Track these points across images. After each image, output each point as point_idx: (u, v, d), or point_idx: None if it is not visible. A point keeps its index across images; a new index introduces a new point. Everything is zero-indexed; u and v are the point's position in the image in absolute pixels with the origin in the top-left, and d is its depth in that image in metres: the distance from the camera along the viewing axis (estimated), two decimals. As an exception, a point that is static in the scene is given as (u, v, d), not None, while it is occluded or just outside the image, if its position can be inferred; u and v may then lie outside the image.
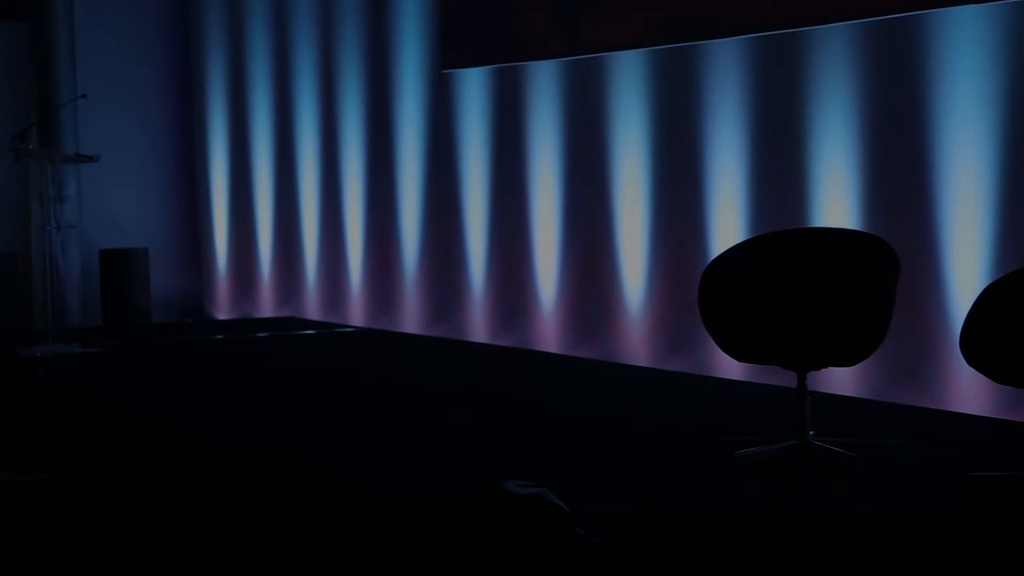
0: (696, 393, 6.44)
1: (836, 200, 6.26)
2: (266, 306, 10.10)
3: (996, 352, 4.26)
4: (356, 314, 9.24)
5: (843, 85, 6.24)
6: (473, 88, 8.28)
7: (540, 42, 7.78)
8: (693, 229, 6.95)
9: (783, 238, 5.21)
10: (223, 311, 10.54)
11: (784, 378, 5.68)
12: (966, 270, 5.75)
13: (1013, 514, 4.05)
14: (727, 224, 6.77)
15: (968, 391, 5.71)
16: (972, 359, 4.30)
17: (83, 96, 8.48)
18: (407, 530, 3.92)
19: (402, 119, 8.79)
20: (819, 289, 4.89)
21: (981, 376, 4.65)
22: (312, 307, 9.66)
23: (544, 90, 7.82)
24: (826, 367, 4.87)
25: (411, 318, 8.81)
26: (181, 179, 10.84)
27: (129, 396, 6.49)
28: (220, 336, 8.93)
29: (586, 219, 7.59)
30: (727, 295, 4.96)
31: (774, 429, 5.07)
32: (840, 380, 6.20)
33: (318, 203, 9.54)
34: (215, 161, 10.57)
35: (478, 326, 8.31)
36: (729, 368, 6.65)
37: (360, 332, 8.90)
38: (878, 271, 4.79)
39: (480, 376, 7.05)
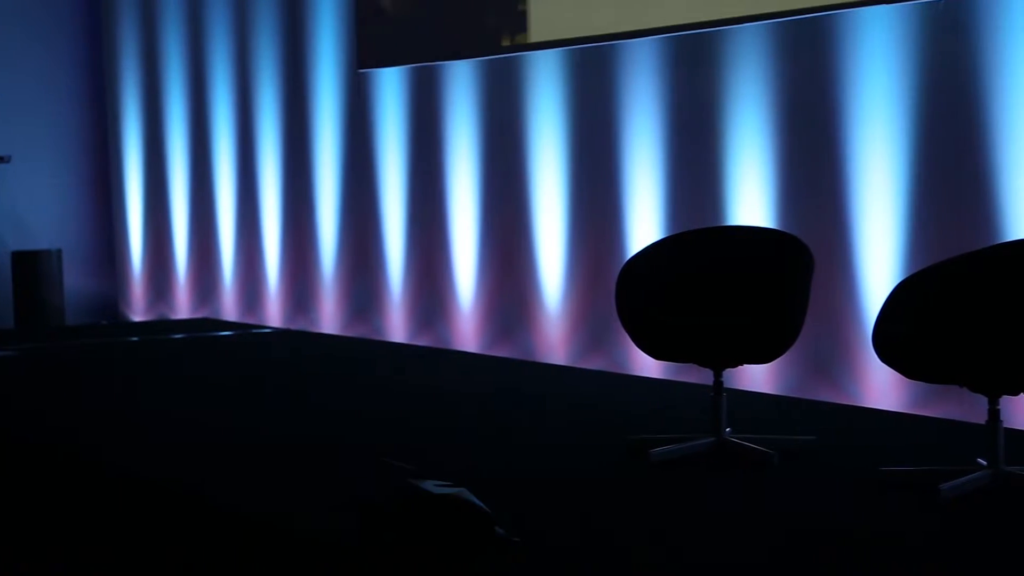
0: (614, 391, 6.47)
1: (751, 198, 6.32)
2: (182, 308, 10.01)
3: (907, 348, 4.31)
4: (273, 315, 9.18)
5: (758, 84, 6.29)
6: (390, 88, 8.26)
7: (457, 42, 7.77)
8: (610, 228, 6.98)
9: (699, 236, 5.25)
10: (138, 313, 10.43)
11: (701, 376, 5.73)
12: (879, 267, 5.82)
13: (922, 508, 4.11)
14: (644, 223, 6.81)
15: (881, 387, 5.78)
16: (884, 355, 4.35)
17: None
18: (323, 534, 3.90)
19: (319, 119, 8.75)
20: (734, 287, 4.93)
21: (893, 372, 4.71)
22: (229, 308, 9.59)
23: (461, 90, 7.81)
24: (741, 365, 4.91)
25: (329, 318, 8.77)
26: (95, 179, 10.71)
27: (40, 399, 6.40)
28: (135, 338, 8.84)
29: (504, 218, 7.60)
30: (643, 293, 4.99)
31: (691, 427, 5.11)
32: (756, 377, 6.26)
33: (234, 204, 9.47)
34: (129, 161, 10.46)
35: (396, 326, 8.30)
36: (647, 366, 6.69)
37: (277, 333, 8.84)
38: (792, 269, 4.83)
39: (398, 375, 7.03)
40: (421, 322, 8.14)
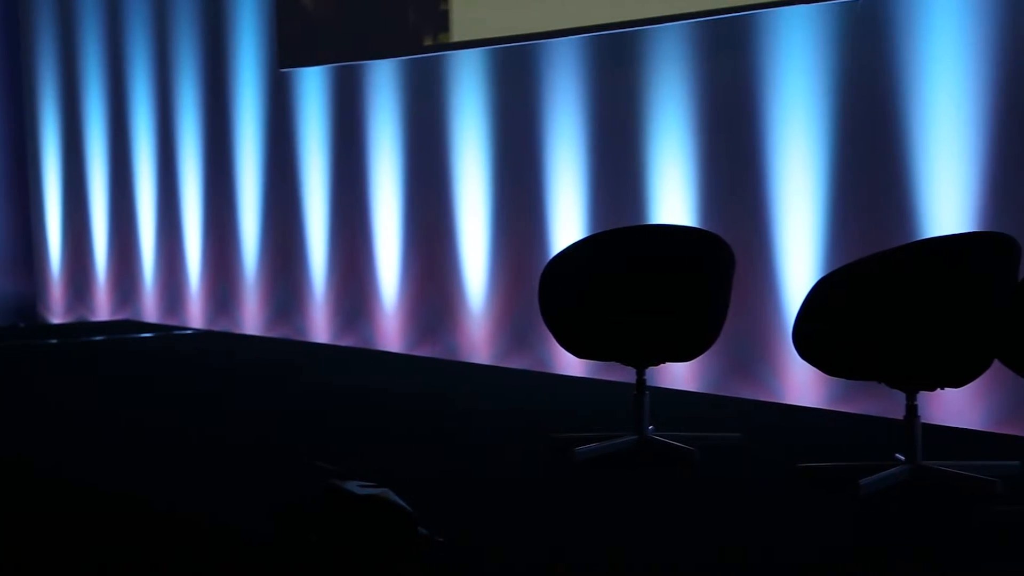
0: (538, 390, 6.48)
1: (673, 197, 6.35)
2: (102, 309, 9.90)
3: (826, 345, 4.36)
4: (195, 316, 9.11)
5: (679, 84, 6.33)
6: (312, 87, 8.22)
7: (379, 41, 7.75)
8: (533, 227, 7.00)
9: (621, 235, 5.27)
10: (57, 315, 10.30)
11: (624, 374, 5.75)
12: (799, 265, 5.88)
13: (842, 504, 4.15)
14: (567, 222, 6.83)
15: (801, 384, 5.84)
16: (804, 352, 4.39)
17: None
18: (246, 535, 3.87)
19: (240, 119, 8.69)
20: (656, 285, 4.96)
21: (813, 369, 4.76)
22: (150, 310, 9.50)
23: (383, 90, 7.80)
24: (664, 363, 4.94)
25: (251, 319, 8.71)
26: (12, 179, 10.56)
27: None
28: (54, 340, 8.73)
29: (427, 218, 7.59)
30: (566, 292, 5.00)
31: (614, 425, 5.13)
32: (678, 375, 6.30)
33: (155, 204, 9.39)
34: (47, 161, 10.33)
35: (319, 326, 8.26)
36: (570, 365, 6.72)
37: (199, 334, 8.77)
38: (714, 267, 4.87)
39: (321, 376, 7.00)
40: (344, 323, 8.11)
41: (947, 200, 5.36)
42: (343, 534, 3.61)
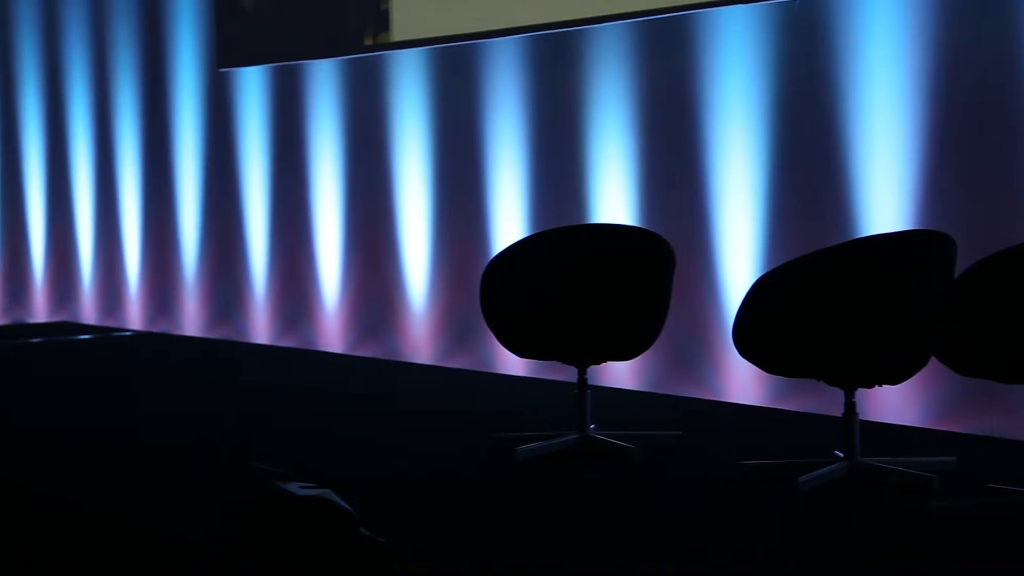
0: (480, 390, 6.48)
1: (614, 197, 6.37)
2: (40, 311, 9.81)
3: (766, 343, 4.39)
4: (134, 317, 9.04)
5: (619, 83, 6.35)
6: (252, 87, 8.18)
7: (319, 41, 7.73)
8: (475, 227, 7.00)
9: (563, 234, 5.28)
10: (-6, 317, 10.20)
11: (566, 373, 5.76)
12: (739, 264, 5.91)
13: (781, 500, 4.18)
14: (508, 221, 6.83)
15: (742, 382, 5.87)
16: (744, 351, 4.42)
17: None
18: (187, 536, 3.85)
19: (179, 119, 8.64)
20: (597, 284, 4.97)
21: (754, 367, 4.79)
22: (88, 311, 9.42)
23: (324, 89, 7.77)
24: (605, 362, 4.96)
25: (191, 320, 8.66)
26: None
27: None
28: (-9, 343, 8.65)
29: (368, 218, 7.57)
30: (508, 292, 5.01)
31: (556, 424, 5.14)
32: (620, 374, 6.32)
33: (93, 204, 9.31)
34: (-17, 162, 10.21)
35: (260, 327, 8.22)
36: (512, 364, 6.72)
37: (138, 336, 8.71)
38: (654, 266, 4.89)
39: (262, 377, 6.96)
40: (285, 323, 8.07)
41: (885, 199, 5.41)
42: (284, 536, 3.59)
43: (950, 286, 4.07)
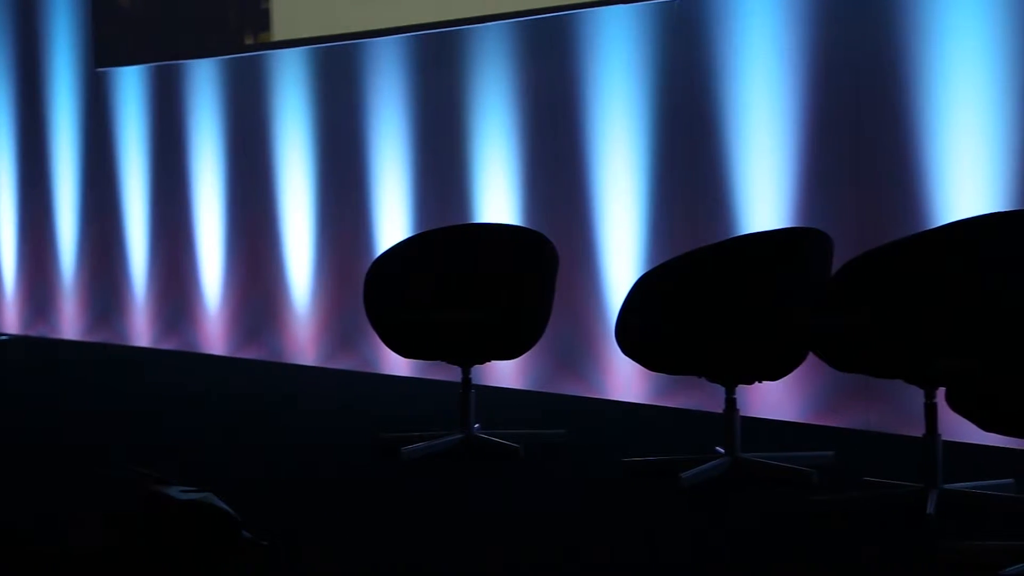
0: (364, 391, 6.46)
1: (498, 196, 6.38)
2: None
3: (647, 341, 4.43)
4: (11, 321, 8.88)
5: (502, 83, 6.37)
6: (130, 87, 8.07)
7: (199, 40, 7.65)
8: (358, 227, 6.97)
9: (446, 234, 5.28)
10: None
11: (450, 373, 5.76)
12: (621, 263, 5.95)
13: (664, 496, 4.22)
14: (392, 222, 6.81)
15: (625, 380, 5.92)
16: (626, 349, 4.45)
17: None
18: (66, 543, 3.79)
19: (55, 120, 8.49)
20: (480, 284, 4.99)
21: (636, 364, 4.82)
22: (-37, 315, 9.22)
23: (204, 89, 7.69)
24: (489, 361, 4.97)
25: (70, 324, 8.52)
26: None
27: None
28: None
29: (250, 219, 7.51)
30: (391, 292, 5.00)
31: (441, 424, 5.14)
32: (504, 374, 6.34)
33: (-33, 206, 9.12)
34: None
35: (141, 330, 8.11)
36: (397, 365, 6.71)
37: (15, 340, 8.55)
38: (537, 265, 4.91)
39: (142, 381, 6.88)
40: (167, 326, 7.98)
41: (763, 197, 5.48)
42: (165, 540, 3.55)
43: (827, 282, 4.13)
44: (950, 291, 3.78)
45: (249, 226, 7.53)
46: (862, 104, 5.23)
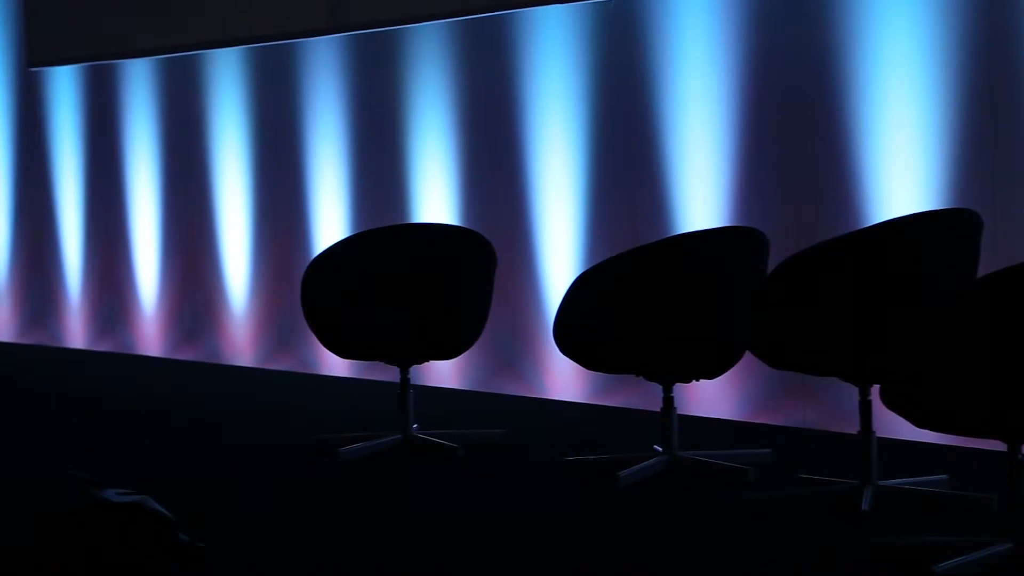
0: (303, 392, 6.44)
1: (435, 196, 6.38)
2: None
3: (585, 340, 4.44)
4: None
5: (439, 83, 6.36)
6: (64, 87, 8.00)
7: (134, 39, 7.59)
8: (296, 227, 6.94)
9: (384, 234, 5.27)
10: None
11: (389, 373, 5.75)
12: (559, 262, 5.97)
13: (602, 495, 4.23)
14: (330, 222, 6.79)
15: (564, 379, 5.93)
16: (564, 348, 4.46)
17: None
18: (1, 547, 3.75)
19: (-12, 118, 8.41)
20: (418, 284, 4.98)
21: (575, 364, 4.84)
22: None
23: (140, 88, 7.63)
24: (426, 360, 4.97)
25: (2, 326, 8.43)
26: None
27: None
28: None
29: (187, 219, 7.46)
30: (329, 292, 4.98)
31: (379, 424, 5.13)
32: (444, 374, 6.33)
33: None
34: None
35: (75, 332, 8.04)
36: (336, 366, 6.68)
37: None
38: (475, 265, 4.91)
39: (77, 383, 6.82)
40: (102, 327, 7.92)
41: (701, 196, 5.51)
42: (101, 543, 3.52)
43: (763, 281, 4.16)
44: (881, 289, 3.82)
45: (185, 226, 7.48)
46: (798, 104, 5.27)
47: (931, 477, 4.14)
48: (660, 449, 4.48)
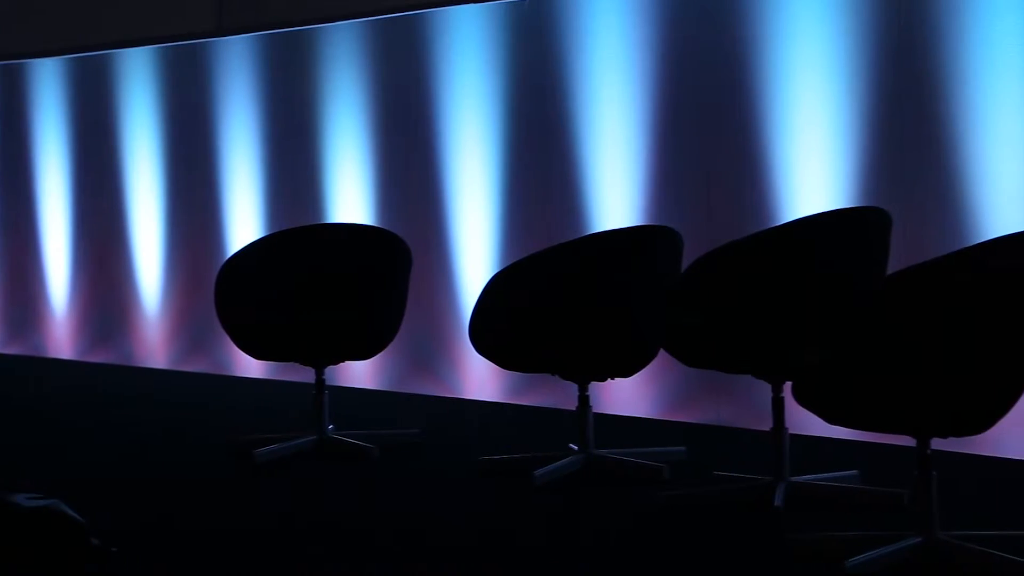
0: (217, 393, 6.39)
1: (350, 196, 6.36)
2: None
3: (500, 340, 4.44)
4: None
5: (352, 82, 6.34)
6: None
7: (43, 39, 7.50)
8: (210, 228, 6.89)
9: (298, 235, 5.25)
10: None
11: (304, 374, 5.73)
12: (475, 262, 5.97)
13: (517, 494, 4.24)
14: (244, 222, 6.75)
15: (480, 379, 5.93)
16: (480, 347, 4.47)
17: None
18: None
19: None
20: (333, 284, 4.96)
21: (491, 363, 4.84)
22: None
23: (48, 88, 7.54)
24: (341, 361, 4.95)
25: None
26: None
27: None
28: None
29: (98, 221, 7.38)
30: (243, 293, 4.95)
31: (295, 425, 5.10)
32: (359, 374, 6.32)
33: None
34: None
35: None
36: (250, 367, 6.64)
37: None
38: (390, 265, 4.90)
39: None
40: (11, 331, 7.81)
41: (615, 195, 5.54)
42: (11, 549, 3.48)
43: (677, 280, 4.19)
44: (793, 287, 3.86)
45: (97, 227, 7.40)
46: (711, 103, 5.31)
47: (843, 473, 4.19)
48: (576, 448, 4.50)
